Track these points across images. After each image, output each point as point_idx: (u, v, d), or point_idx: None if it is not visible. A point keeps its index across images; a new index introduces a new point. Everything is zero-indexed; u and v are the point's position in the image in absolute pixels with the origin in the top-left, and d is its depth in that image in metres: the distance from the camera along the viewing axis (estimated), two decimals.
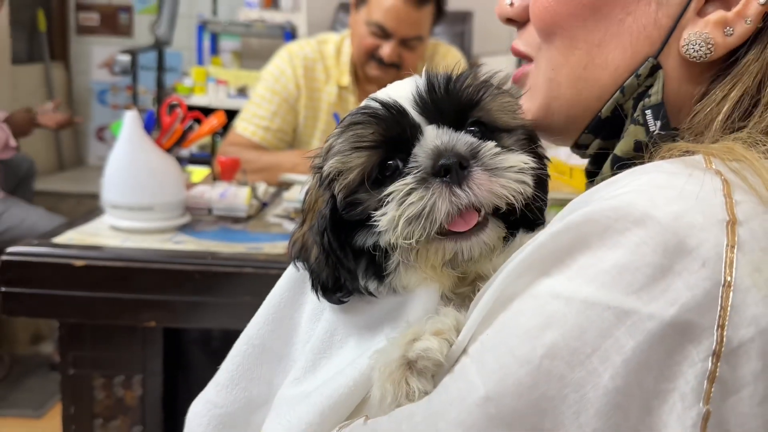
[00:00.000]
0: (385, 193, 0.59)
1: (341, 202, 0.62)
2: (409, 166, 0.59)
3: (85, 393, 1.52)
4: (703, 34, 0.57)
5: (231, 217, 1.71)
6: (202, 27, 4.41)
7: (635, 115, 0.61)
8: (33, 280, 1.38)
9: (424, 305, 0.61)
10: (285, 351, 0.69)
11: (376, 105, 0.62)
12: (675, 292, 0.43)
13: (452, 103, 0.62)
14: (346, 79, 2.33)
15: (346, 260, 0.62)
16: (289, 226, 1.67)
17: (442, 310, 0.58)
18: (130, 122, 1.53)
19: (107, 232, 1.54)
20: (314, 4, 4.25)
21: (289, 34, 4.16)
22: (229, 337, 1.40)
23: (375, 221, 0.59)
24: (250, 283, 1.38)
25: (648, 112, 0.60)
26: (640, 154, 0.58)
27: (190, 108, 4.11)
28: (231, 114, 3.39)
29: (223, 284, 1.38)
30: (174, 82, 4.55)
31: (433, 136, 0.60)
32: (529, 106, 0.68)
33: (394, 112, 0.61)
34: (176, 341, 1.58)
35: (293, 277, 0.70)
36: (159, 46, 4.02)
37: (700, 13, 0.58)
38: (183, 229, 1.60)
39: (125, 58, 3.59)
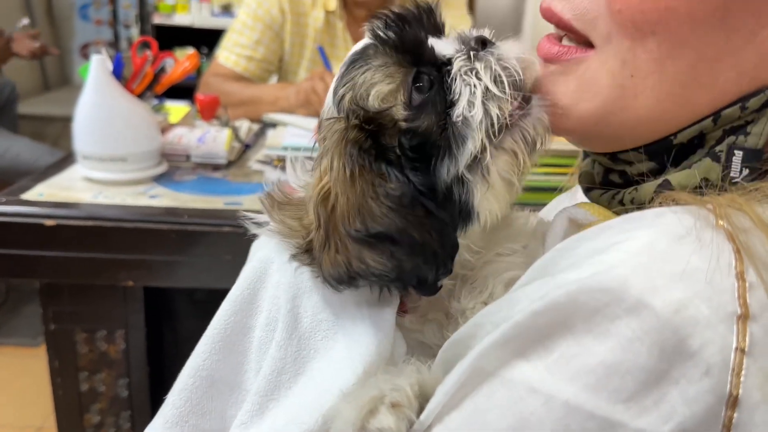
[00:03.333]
0: (453, 73, 0.56)
1: (409, 142, 0.55)
2: (444, 64, 0.57)
3: (68, 347, 1.50)
4: None
5: (211, 164, 1.63)
6: None
7: (717, 149, 0.49)
8: (3, 240, 1.33)
9: (380, 335, 0.56)
10: (236, 381, 0.63)
11: (376, 25, 0.59)
12: (670, 405, 0.37)
13: (434, 19, 0.61)
14: (333, 3, 2.19)
15: (444, 214, 0.56)
16: (272, 174, 1.60)
17: (403, 368, 0.53)
18: (96, 67, 1.42)
19: (80, 184, 1.48)
20: None
21: None
22: (215, 293, 1.38)
23: (458, 119, 0.55)
24: (229, 241, 1.33)
25: (738, 153, 0.48)
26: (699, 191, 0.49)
27: (173, 28, 3.93)
28: (214, 34, 3.24)
29: (201, 243, 1.33)
30: None
31: (442, 40, 0.59)
32: (575, 103, 0.54)
33: (398, 29, 0.58)
34: (160, 292, 1.55)
35: (238, 300, 0.63)
36: None
37: None
38: (159, 179, 1.53)
39: None
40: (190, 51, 3.66)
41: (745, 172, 0.48)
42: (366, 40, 0.60)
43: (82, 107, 1.44)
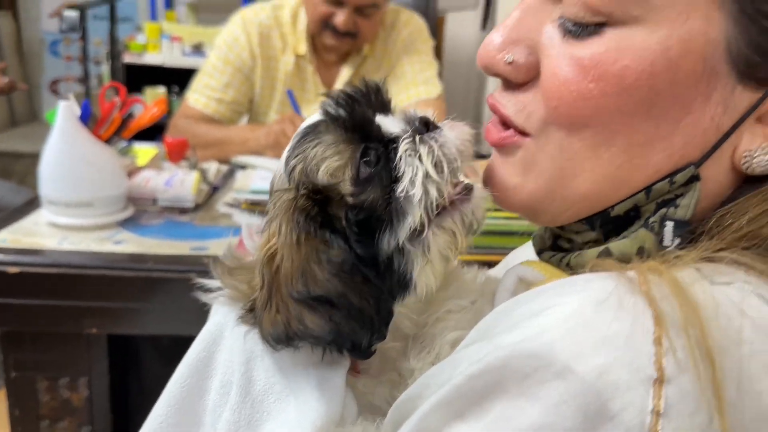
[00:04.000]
0: (399, 154, 0.59)
1: (355, 216, 0.59)
2: (390, 141, 0.61)
3: (29, 395, 1.47)
4: None
5: (178, 207, 1.64)
6: None
7: (651, 220, 0.53)
8: None
9: (330, 397, 0.58)
10: None
11: (328, 104, 0.62)
12: None
13: (382, 97, 0.65)
14: (303, 48, 2.23)
15: (381, 282, 0.59)
16: (239, 218, 1.61)
17: (350, 429, 0.55)
18: (64, 113, 1.43)
19: (45, 230, 1.47)
20: None
21: None
22: (180, 341, 1.37)
23: (400, 195, 0.59)
24: (194, 288, 1.32)
25: (669, 224, 0.52)
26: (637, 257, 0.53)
27: (144, 67, 3.92)
28: (185, 73, 3.26)
29: (166, 290, 1.33)
30: (128, 35, 4.35)
31: (389, 118, 0.63)
32: (522, 183, 0.58)
33: (348, 108, 0.61)
34: (124, 339, 1.54)
35: (194, 363, 0.64)
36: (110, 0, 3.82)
37: (761, 119, 0.51)
38: (125, 223, 1.53)
39: (73, 14, 3.40)
40: (161, 90, 3.67)
41: (677, 241, 0.51)
42: (317, 116, 0.63)
43: (48, 153, 1.45)
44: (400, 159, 0.59)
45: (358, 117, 0.60)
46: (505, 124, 0.59)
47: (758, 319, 0.43)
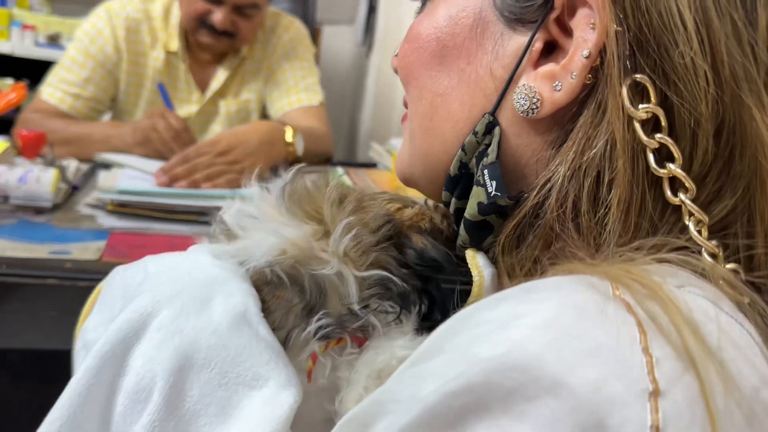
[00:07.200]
0: None
1: None
2: None
3: None
4: (528, 87, 0.52)
5: (33, 206, 1.48)
6: None
7: (477, 175, 0.56)
8: None
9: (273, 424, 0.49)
10: None
11: None
12: None
13: None
14: (175, 44, 2.12)
15: None
16: (105, 220, 1.47)
17: None
18: None
19: None
20: None
21: None
22: (33, 355, 1.22)
23: None
24: (54, 295, 1.19)
25: (485, 171, 0.55)
26: (487, 219, 0.56)
27: None
28: (38, 65, 3.00)
29: (20, 297, 1.19)
30: None
31: None
32: (402, 157, 0.66)
33: None
34: None
35: (108, 355, 0.51)
36: None
37: (536, 65, 0.53)
38: None
39: None
40: (9, 82, 3.35)
41: (494, 183, 0.54)
42: None
43: None
44: None
45: None
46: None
47: (723, 325, 0.41)
